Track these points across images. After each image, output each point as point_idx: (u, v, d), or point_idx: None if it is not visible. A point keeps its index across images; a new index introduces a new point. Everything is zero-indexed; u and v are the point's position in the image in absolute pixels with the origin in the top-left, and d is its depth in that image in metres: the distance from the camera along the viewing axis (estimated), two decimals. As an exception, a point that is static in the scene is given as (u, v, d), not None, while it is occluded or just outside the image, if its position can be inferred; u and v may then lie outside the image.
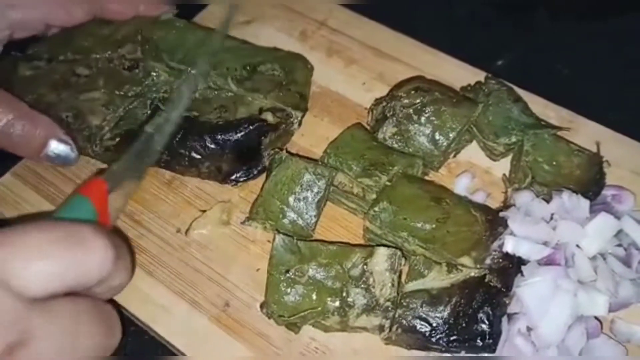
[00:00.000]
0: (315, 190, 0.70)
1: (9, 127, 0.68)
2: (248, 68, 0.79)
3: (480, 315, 0.62)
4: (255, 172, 0.76)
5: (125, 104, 0.76)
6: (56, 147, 0.72)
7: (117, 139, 0.74)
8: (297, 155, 0.74)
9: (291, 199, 0.70)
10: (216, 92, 0.77)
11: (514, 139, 0.74)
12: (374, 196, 0.70)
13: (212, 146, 0.73)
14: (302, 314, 0.62)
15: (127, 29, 0.83)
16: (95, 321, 0.46)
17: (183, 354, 0.66)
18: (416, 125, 0.73)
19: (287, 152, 0.74)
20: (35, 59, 0.80)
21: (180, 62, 0.79)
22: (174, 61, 0.79)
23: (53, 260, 0.43)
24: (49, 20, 0.79)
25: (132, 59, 0.80)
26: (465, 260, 0.63)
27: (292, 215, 0.70)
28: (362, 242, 0.71)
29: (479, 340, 0.61)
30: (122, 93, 0.77)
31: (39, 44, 0.82)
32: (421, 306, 0.63)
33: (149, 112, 0.75)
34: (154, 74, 0.78)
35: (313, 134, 0.81)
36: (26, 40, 0.81)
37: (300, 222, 0.70)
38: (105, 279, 0.47)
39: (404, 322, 0.63)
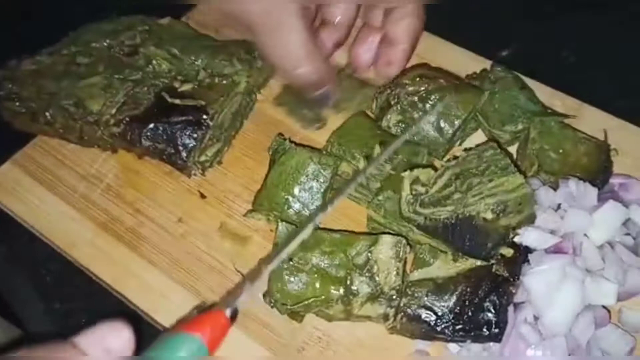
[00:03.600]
0: (321, 180, 0.69)
1: None
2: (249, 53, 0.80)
3: (487, 304, 0.61)
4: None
5: (125, 87, 0.75)
6: None
7: (122, 125, 0.73)
8: (301, 144, 0.73)
9: (296, 190, 0.69)
10: (220, 79, 0.77)
11: (520, 127, 0.73)
12: (377, 185, 0.69)
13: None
14: (306, 302, 0.61)
15: (129, 22, 0.83)
16: None
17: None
18: (421, 113, 0.72)
19: (290, 141, 0.73)
20: (38, 55, 0.80)
21: (182, 51, 0.79)
22: (177, 49, 0.78)
23: None
24: None
25: (132, 45, 0.79)
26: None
27: (297, 205, 0.69)
28: (365, 231, 0.70)
29: (485, 330, 0.60)
30: (121, 77, 0.76)
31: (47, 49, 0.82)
32: (426, 295, 0.62)
33: (152, 98, 0.74)
34: (155, 62, 0.78)
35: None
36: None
37: (306, 212, 0.69)
38: None
39: (409, 311, 0.62)
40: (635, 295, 0.64)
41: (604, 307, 0.63)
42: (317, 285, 0.62)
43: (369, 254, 0.62)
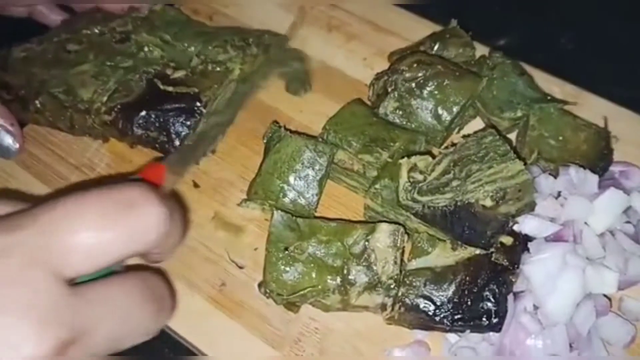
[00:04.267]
0: (317, 167, 0.68)
1: None
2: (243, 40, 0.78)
3: (486, 293, 0.60)
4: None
5: (116, 75, 0.73)
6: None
7: (113, 113, 0.72)
8: (296, 132, 0.72)
9: (292, 178, 0.68)
10: (213, 66, 0.75)
11: (519, 114, 0.72)
12: (374, 173, 0.68)
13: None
14: (302, 292, 0.60)
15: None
16: (147, 299, 0.43)
17: (178, 335, 0.64)
18: (418, 99, 0.71)
19: (286, 128, 0.72)
20: (28, 42, 0.79)
21: (174, 38, 0.77)
22: (169, 35, 0.77)
23: (104, 234, 0.39)
24: None
25: (123, 32, 0.78)
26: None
27: (292, 194, 0.68)
28: (362, 220, 0.69)
29: (484, 319, 0.59)
30: (112, 64, 0.75)
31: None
32: (425, 284, 0.61)
33: (144, 85, 0.73)
34: (147, 49, 0.76)
35: (311, 110, 0.78)
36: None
37: (301, 201, 0.68)
38: (161, 241, 0.43)
39: (407, 300, 0.61)
40: (636, 283, 0.63)
41: (604, 295, 0.62)
42: (314, 274, 0.61)
43: (366, 243, 0.61)
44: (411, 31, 0.84)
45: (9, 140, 0.70)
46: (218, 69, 0.75)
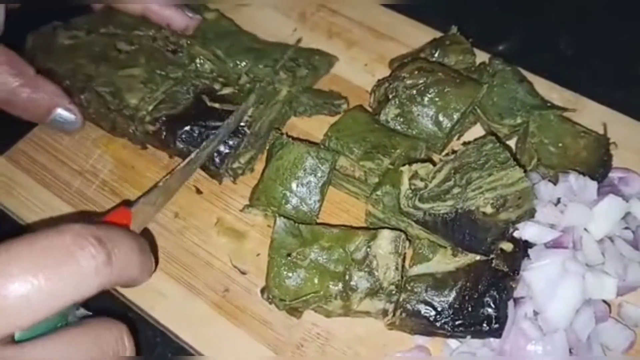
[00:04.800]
0: (319, 174, 0.69)
1: (15, 93, 0.66)
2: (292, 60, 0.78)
3: (486, 299, 0.60)
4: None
5: (165, 84, 0.73)
6: (61, 115, 0.70)
7: (157, 124, 0.71)
8: (298, 138, 0.73)
9: (294, 184, 0.68)
10: (261, 85, 0.74)
11: (519, 120, 0.72)
12: (376, 180, 0.68)
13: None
14: (304, 298, 0.61)
15: None
16: (94, 356, 0.42)
17: (182, 340, 0.64)
18: (419, 106, 0.72)
19: (288, 135, 0.72)
20: (75, 29, 0.78)
21: (226, 53, 0.77)
22: (221, 49, 0.77)
23: (36, 283, 0.37)
24: None
25: (175, 43, 0.77)
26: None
27: (295, 200, 0.68)
28: (364, 226, 0.69)
29: (485, 325, 0.60)
30: (163, 73, 0.74)
31: (81, 18, 0.79)
32: (426, 290, 0.61)
33: (191, 99, 0.72)
34: (199, 61, 0.75)
35: (314, 117, 0.79)
36: (69, 14, 0.79)
37: (304, 207, 0.68)
38: (108, 282, 0.42)
39: (408, 306, 0.61)
40: (635, 289, 0.64)
41: (604, 301, 0.63)
42: (316, 280, 0.61)
43: (368, 249, 0.61)
44: (411, 37, 0.85)
45: (71, 118, 0.70)
46: (268, 88, 0.74)
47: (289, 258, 0.62)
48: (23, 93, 0.66)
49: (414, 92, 0.72)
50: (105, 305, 0.69)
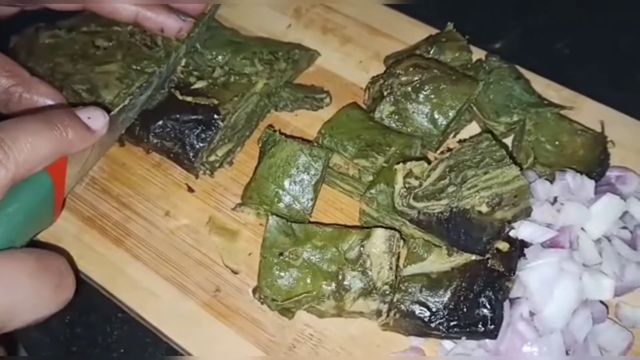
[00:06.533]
0: (312, 172, 0.67)
1: (8, 94, 0.65)
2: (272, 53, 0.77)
3: (482, 299, 0.59)
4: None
5: (140, 79, 0.71)
6: None
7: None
8: (291, 136, 0.72)
9: (287, 182, 0.67)
10: (236, 78, 0.74)
11: (515, 118, 0.71)
12: (370, 178, 0.67)
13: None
14: (297, 298, 0.60)
15: None
16: (40, 273, 0.47)
17: (172, 341, 0.63)
18: (414, 103, 0.71)
19: (281, 133, 0.71)
20: (57, 29, 0.77)
21: (204, 45, 0.76)
22: (199, 42, 0.76)
23: None
24: None
25: (152, 37, 0.76)
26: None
27: (288, 199, 0.67)
28: (358, 225, 0.68)
29: (480, 326, 0.59)
30: (139, 68, 0.73)
31: (67, 20, 0.78)
32: (420, 290, 0.60)
33: (166, 93, 0.72)
34: (174, 55, 0.74)
35: (307, 114, 0.78)
36: (57, 17, 0.78)
37: (296, 206, 0.67)
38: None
39: (403, 307, 0.60)
40: (633, 290, 0.63)
41: (601, 302, 0.62)
42: (308, 280, 0.60)
43: (362, 248, 0.60)
44: (407, 34, 0.84)
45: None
46: (242, 81, 0.73)
47: (282, 257, 0.61)
48: (16, 93, 0.65)
49: (409, 89, 0.71)
50: (96, 305, 0.68)
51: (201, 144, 0.69)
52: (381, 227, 0.62)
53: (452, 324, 0.59)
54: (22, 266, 0.47)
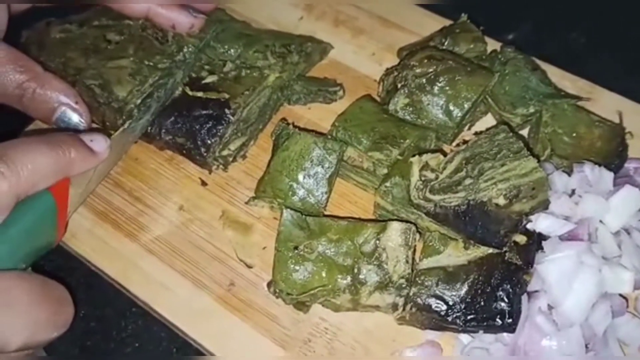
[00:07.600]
0: (326, 165, 0.67)
1: (21, 89, 0.65)
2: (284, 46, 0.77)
3: (499, 293, 0.59)
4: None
5: (153, 76, 0.71)
6: (65, 114, 0.67)
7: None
8: (305, 129, 0.71)
9: (301, 176, 0.67)
10: (248, 72, 0.73)
11: (532, 110, 0.71)
12: (385, 171, 0.67)
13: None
14: (312, 291, 0.59)
15: None
16: (43, 299, 0.48)
17: (187, 335, 0.63)
18: (429, 95, 0.70)
19: (294, 126, 0.71)
20: (68, 23, 0.76)
21: (215, 39, 0.76)
22: (210, 35, 0.76)
23: None
24: None
25: (164, 30, 0.75)
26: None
27: (302, 192, 0.67)
28: (373, 218, 0.68)
29: (498, 320, 0.58)
30: (151, 64, 0.72)
31: (78, 15, 0.78)
32: (437, 284, 0.60)
33: (179, 92, 0.72)
34: (186, 49, 0.74)
35: (320, 107, 0.77)
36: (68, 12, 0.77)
37: (311, 199, 0.67)
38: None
39: (419, 300, 0.60)
40: (653, 282, 0.62)
41: (620, 295, 0.61)
42: (324, 274, 0.60)
43: (377, 242, 0.60)
44: (420, 26, 0.83)
45: (75, 119, 0.68)
46: (254, 74, 0.73)
47: (296, 251, 0.60)
48: (29, 89, 0.65)
49: (424, 80, 0.70)
50: (109, 300, 0.68)
51: (212, 139, 0.69)
52: (397, 220, 0.62)
53: (469, 317, 0.59)
54: (26, 289, 0.48)
